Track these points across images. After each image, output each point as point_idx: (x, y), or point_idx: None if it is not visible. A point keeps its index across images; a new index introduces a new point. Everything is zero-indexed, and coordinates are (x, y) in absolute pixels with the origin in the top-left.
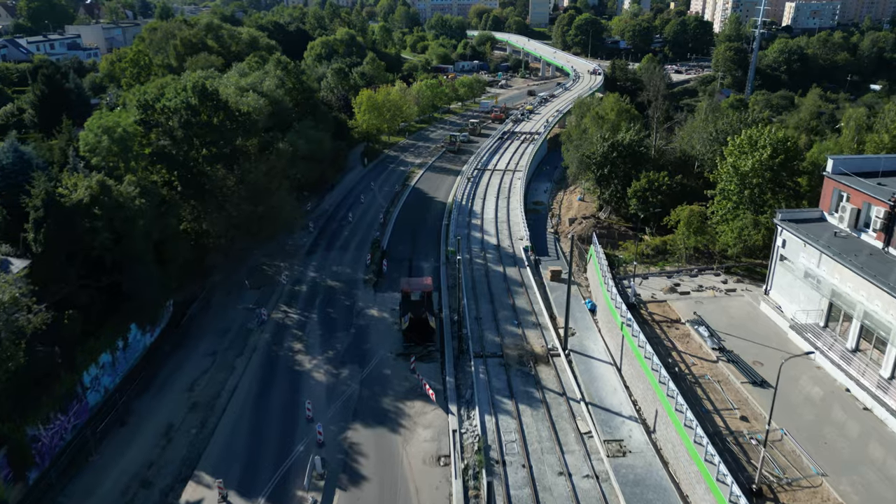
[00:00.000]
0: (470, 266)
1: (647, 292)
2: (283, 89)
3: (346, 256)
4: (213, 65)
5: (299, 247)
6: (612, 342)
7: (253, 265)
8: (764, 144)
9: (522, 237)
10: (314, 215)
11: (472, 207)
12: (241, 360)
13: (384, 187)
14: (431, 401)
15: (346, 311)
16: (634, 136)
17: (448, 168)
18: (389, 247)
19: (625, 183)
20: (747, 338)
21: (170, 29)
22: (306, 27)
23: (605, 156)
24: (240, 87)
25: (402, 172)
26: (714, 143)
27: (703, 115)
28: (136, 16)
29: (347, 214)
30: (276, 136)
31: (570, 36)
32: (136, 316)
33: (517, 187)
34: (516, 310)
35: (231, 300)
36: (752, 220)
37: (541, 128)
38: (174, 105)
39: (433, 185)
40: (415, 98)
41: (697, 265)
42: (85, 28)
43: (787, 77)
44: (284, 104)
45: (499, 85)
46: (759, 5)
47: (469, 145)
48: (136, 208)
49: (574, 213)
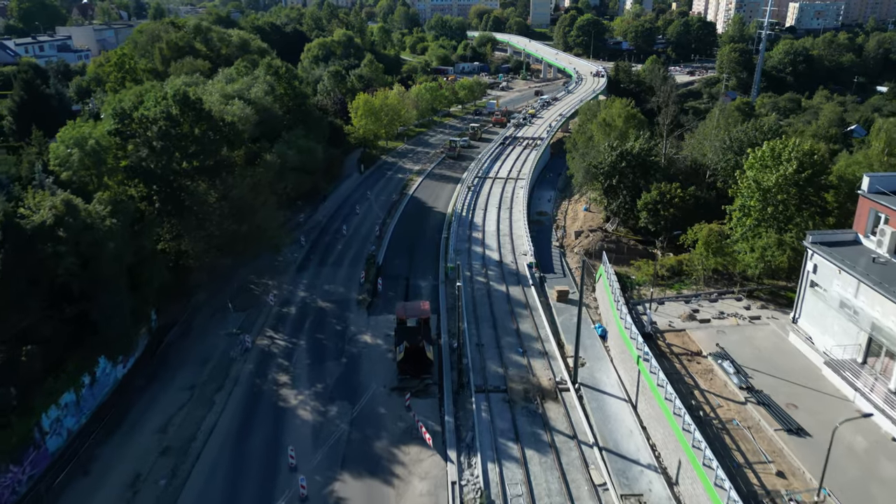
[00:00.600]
0: (471, 284)
1: (664, 319)
2: (271, 96)
3: (338, 273)
4: (198, 70)
5: (290, 262)
6: (626, 375)
7: (239, 284)
8: (789, 158)
9: (526, 252)
10: (306, 227)
11: (472, 219)
12: (222, 394)
13: (381, 196)
14: (428, 445)
15: (338, 336)
16: (644, 144)
17: (448, 175)
18: (385, 262)
19: (633, 194)
20: (777, 374)
21: (155, 31)
22: (303, 28)
23: (612, 166)
24: (225, 94)
25: (400, 180)
26: (727, 152)
27: (715, 121)
28: (130, 17)
29: (342, 227)
30: (263, 147)
31: (571, 37)
32: (105, 349)
33: (520, 197)
34: (521, 335)
35: (214, 324)
36: (775, 239)
37: (543, 133)
38: (153, 115)
39: (432, 193)
40: (413, 101)
41: (717, 288)
42: (76, 29)
43: (792, 79)
44: (273, 112)
45: (499, 87)
46: (762, 6)
47: (469, 151)
48: (105, 229)
49: (580, 224)
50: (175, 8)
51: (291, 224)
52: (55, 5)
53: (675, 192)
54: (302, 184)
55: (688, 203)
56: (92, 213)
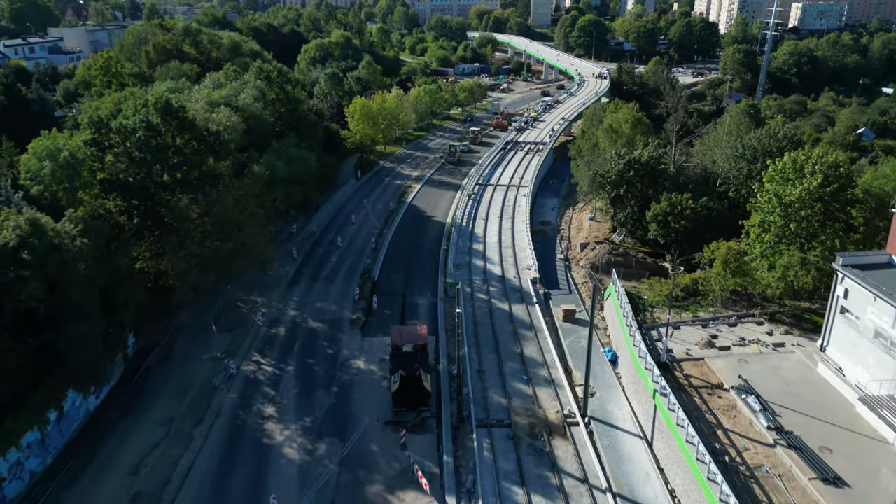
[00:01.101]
0: (471, 302)
1: (680, 346)
2: (261, 102)
3: (332, 289)
4: (185, 74)
5: (280, 277)
6: (640, 407)
7: (226, 302)
8: (813, 170)
9: (530, 266)
10: (299, 239)
11: (473, 230)
12: (201, 429)
13: (378, 204)
14: (425, 492)
15: (329, 361)
16: (653, 152)
17: (447, 182)
18: (381, 277)
19: (642, 204)
20: (807, 411)
21: (142, 33)
22: (301, 29)
23: (620, 175)
24: (211, 101)
25: (398, 187)
26: (740, 160)
27: (726, 127)
28: (125, 17)
29: (336, 238)
30: (252, 157)
31: (572, 37)
32: (74, 381)
33: (522, 205)
34: (525, 360)
35: (197, 347)
36: (798, 257)
37: (546, 137)
38: (132, 124)
39: (431, 201)
40: (412, 105)
41: (735, 310)
42: (68, 30)
43: (797, 80)
44: (263, 119)
45: (500, 89)
46: (765, 6)
47: (470, 156)
48: (75, 250)
49: (585, 234)
50: (172, 8)
51: (283, 235)
52: (48, 6)
53: (686, 203)
54: (293, 194)
55: (699, 215)
56: (61, 233)
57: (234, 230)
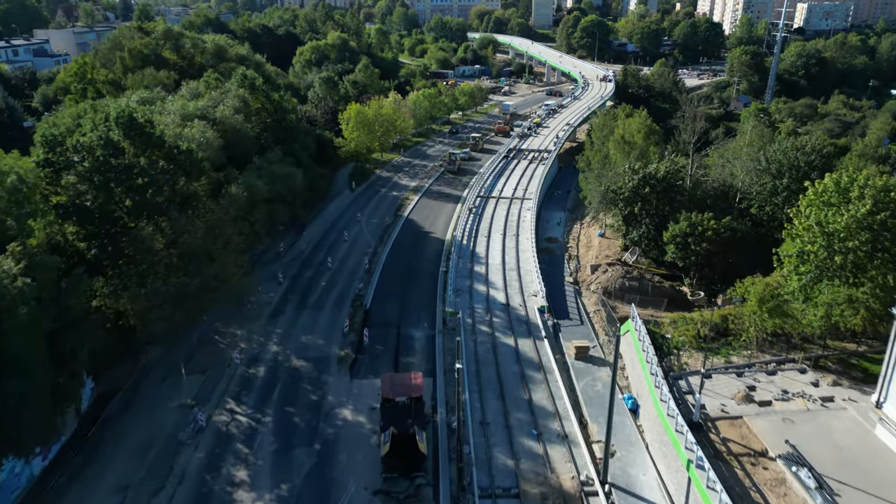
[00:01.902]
0: (473, 336)
1: (715, 401)
2: (242, 114)
3: (319, 319)
4: (160, 82)
5: (263, 305)
6: (668, 474)
7: (201, 336)
8: (860, 195)
9: (536, 292)
10: (286, 259)
11: (474, 249)
12: (161, 498)
13: (373, 218)
14: None
15: (312, 410)
16: (669, 166)
17: (447, 193)
18: (374, 304)
19: (658, 223)
20: (870, 489)
21: (117, 37)
22: (297, 31)
23: (634, 191)
24: (185, 113)
25: (395, 199)
26: (764, 175)
27: (748, 138)
28: (117, 18)
29: (327, 258)
30: (230, 175)
31: (575, 38)
32: (12, 447)
33: (527, 221)
34: (534, 409)
35: (165, 392)
36: (845, 294)
37: (550, 144)
38: (89, 141)
39: (429, 215)
40: (411, 110)
41: (773, 354)
42: (55, 32)
43: (805, 82)
44: (243, 133)
45: (501, 91)
46: (770, 6)
47: (471, 164)
48: (15, 292)
49: (595, 253)
50: (166, 9)
51: (269, 255)
52: (36, 6)
53: (707, 223)
54: (278, 215)
55: (722, 237)
56: None
57: (204, 262)
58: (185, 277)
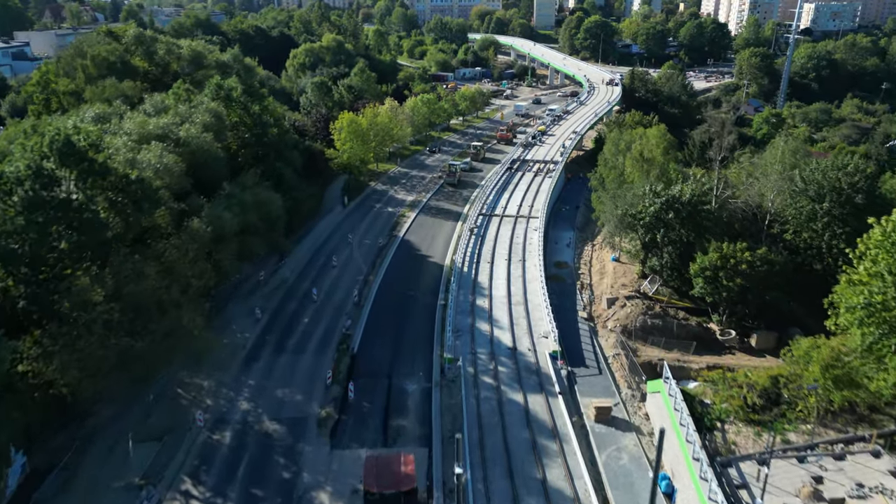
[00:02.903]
0: (475, 389)
1: (776, 499)
2: (213, 132)
3: (299, 367)
4: (123, 94)
5: (237, 348)
6: None
7: (161, 390)
8: None
9: (547, 333)
10: (267, 290)
11: (476, 277)
12: None
13: (366, 239)
14: None
15: (283, 493)
16: (696, 188)
17: (446, 209)
18: (362, 347)
19: (682, 251)
20: None
21: (81, 43)
22: (291, 32)
23: (656, 216)
24: (144, 133)
25: (390, 216)
26: (800, 197)
27: (780, 155)
28: (107, 20)
29: (312, 289)
30: (195, 204)
31: (578, 39)
32: None
33: (534, 243)
34: (549, 494)
35: (110, 467)
36: None
37: (556, 154)
38: (15, 172)
39: (427, 235)
40: (408, 117)
41: (836, 427)
42: (37, 34)
43: (817, 85)
44: (214, 154)
45: (503, 95)
46: (776, 7)
47: (472, 175)
48: None
49: (610, 281)
50: (158, 10)
51: (248, 285)
52: (18, 7)
53: (741, 255)
54: (251, 247)
55: (758, 270)
56: None
57: (155, 316)
58: (130, 338)
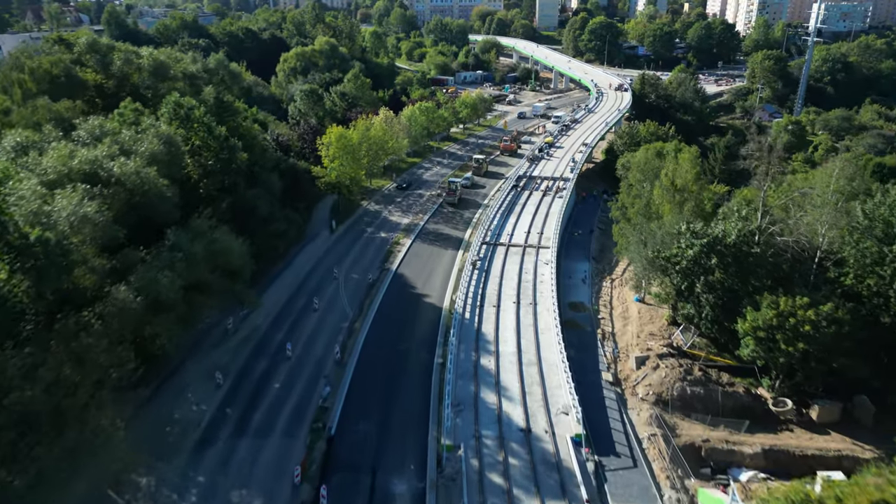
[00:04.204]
0: (480, 493)
1: None
2: (155, 168)
3: (262, 456)
4: (58, 117)
5: (190, 425)
6: None
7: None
8: None
9: (567, 408)
10: (234, 342)
11: (480, 327)
12: None
13: (354, 273)
14: None
15: None
16: (742, 226)
17: (445, 235)
18: (342, 426)
19: (725, 300)
20: None
21: (20, 53)
22: (283, 34)
23: (695, 261)
24: (64, 172)
25: (383, 242)
26: (865, 237)
27: (833, 181)
28: (92, 21)
29: (287, 342)
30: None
31: (582, 41)
32: None
33: (546, 281)
34: None
35: None
36: None
37: (566, 170)
38: None
39: (424, 268)
40: (405, 128)
41: None
42: (7, 37)
43: (832, 89)
44: (158, 192)
45: (506, 101)
46: (785, 7)
47: (473, 193)
48: None
49: (635, 329)
50: (148, 10)
51: (213, 336)
52: None
53: (803, 314)
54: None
55: (824, 332)
56: None
57: (48, 430)
58: (6, 470)
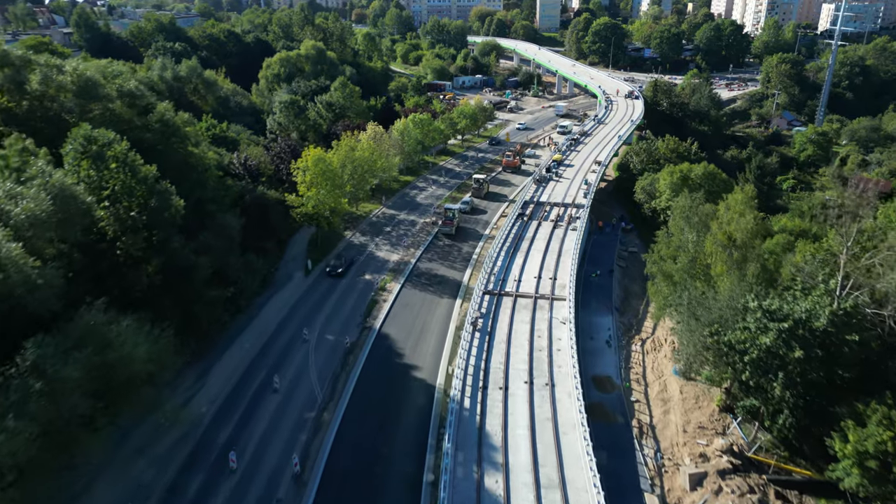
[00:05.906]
0: None
1: None
2: (20, 243)
3: None
4: None
5: None
6: None
7: None
8: None
9: None
10: (165, 444)
11: (483, 423)
12: None
13: (328, 332)
14: None
15: None
16: (827, 300)
17: (440, 277)
18: None
19: (807, 400)
20: None
21: None
22: (269, 37)
23: (771, 353)
24: None
25: (367, 288)
26: None
27: None
28: (67, 23)
29: (233, 445)
30: None
31: (586, 43)
32: None
33: (564, 348)
34: None
35: None
36: None
37: (579, 194)
38: None
39: (414, 326)
40: (397, 143)
41: None
42: None
43: (851, 94)
44: (25, 279)
45: (507, 108)
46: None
47: (473, 220)
48: None
49: (679, 419)
50: (131, 11)
51: (140, 434)
52: None
53: None
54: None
55: None
56: None
57: None
58: None
